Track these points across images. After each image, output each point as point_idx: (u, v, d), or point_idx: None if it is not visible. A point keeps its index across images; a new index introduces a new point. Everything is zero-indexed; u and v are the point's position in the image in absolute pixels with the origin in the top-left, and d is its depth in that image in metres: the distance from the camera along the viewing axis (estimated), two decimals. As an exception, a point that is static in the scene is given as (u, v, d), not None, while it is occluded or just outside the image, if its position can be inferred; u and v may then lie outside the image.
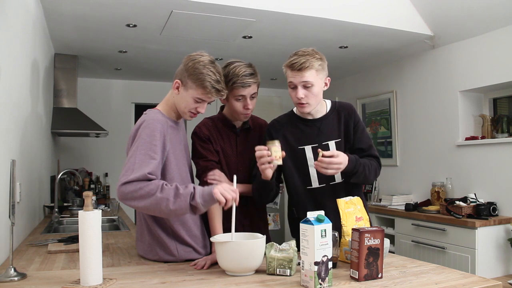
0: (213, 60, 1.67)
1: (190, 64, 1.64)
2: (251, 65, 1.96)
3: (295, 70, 1.76)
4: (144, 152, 1.54)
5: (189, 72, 1.63)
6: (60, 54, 4.14)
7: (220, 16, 3.21)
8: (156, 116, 1.65)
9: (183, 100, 1.67)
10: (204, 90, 1.62)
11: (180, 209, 1.48)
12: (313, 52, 1.79)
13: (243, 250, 1.45)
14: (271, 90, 6.03)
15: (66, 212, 3.58)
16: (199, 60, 1.63)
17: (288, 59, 1.81)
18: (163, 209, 1.47)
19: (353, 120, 1.91)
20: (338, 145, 1.88)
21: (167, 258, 1.69)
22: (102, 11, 3.10)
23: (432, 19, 3.65)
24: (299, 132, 1.91)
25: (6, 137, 1.86)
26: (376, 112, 4.85)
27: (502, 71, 3.42)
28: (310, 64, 1.75)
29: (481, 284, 1.37)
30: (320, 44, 3.93)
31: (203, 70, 1.61)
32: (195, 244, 1.72)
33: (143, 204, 1.47)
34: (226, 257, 1.46)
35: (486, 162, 3.57)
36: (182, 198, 1.47)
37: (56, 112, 3.98)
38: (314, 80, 1.77)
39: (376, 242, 1.41)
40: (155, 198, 1.46)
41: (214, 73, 1.62)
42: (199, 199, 1.48)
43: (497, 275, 3.19)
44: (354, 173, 1.79)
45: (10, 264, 1.45)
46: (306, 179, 1.89)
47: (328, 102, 1.95)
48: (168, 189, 1.48)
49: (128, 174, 1.48)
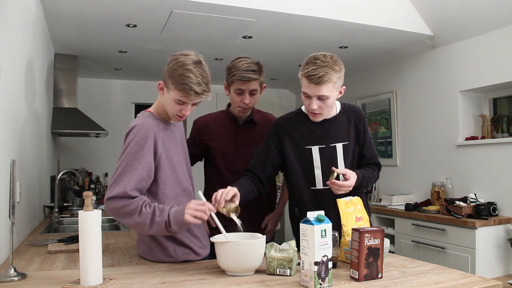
0: (198, 60, 1.59)
1: (171, 65, 1.58)
2: (257, 63, 2.00)
3: (312, 83, 1.70)
4: (130, 163, 1.54)
5: (169, 72, 1.58)
6: (60, 54, 4.14)
7: (220, 16, 3.21)
8: (147, 121, 1.62)
9: (167, 102, 1.63)
10: (183, 92, 1.56)
11: (159, 233, 1.56)
12: (332, 62, 1.70)
13: (243, 250, 1.45)
14: (271, 90, 6.03)
15: (66, 212, 3.58)
16: (180, 60, 1.57)
17: (305, 66, 1.73)
18: (144, 231, 1.55)
19: (362, 126, 1.92)
20: (345, 148, 1.87)
21: (165, 260, 1.69)
22: (102, 11, 3.10)
23: (432, 19, 3.65)
24: (307, 131, 1.88)
25: (6, 137, 1.86)
26: (376, 112, 4.85)
27: (502, 71, 3.42)
28: (329, 78, 1.68)
29: (481, 284, 1.37)
30: (320, 44, 3.93)
31: (182, 71, 1.55)
32: (193, 245, 1.71)
33: (126, 222, 1.55)
34: (226, 257, 1.46)
35: (486, 162, 3.57)
36: (158, 225, 1.51)
37: (56, 112, 3.98)
38: (330, 93, 1.73)
39: (376, 242, 1.41)
40: (134, 220, 1.51)
41: (195, 75, 1.55)
42: (174, 226, 1.51)
43: (497, 275, 3.19)
44: (358, 188, 1.82)
45: (10, 264, 1.45)
46: (311, 179, 1.87)
47: (337, 103, 1.92)
48: (145, 213, 1.50)
49: (112, 189, 1.52)
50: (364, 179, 1.82)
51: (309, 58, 1.75)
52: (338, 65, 1.72)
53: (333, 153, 1.86)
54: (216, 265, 1.60)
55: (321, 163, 1.85)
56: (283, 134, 1.90)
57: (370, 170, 1.91)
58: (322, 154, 1.85)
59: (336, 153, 1.86)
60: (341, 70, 1.74)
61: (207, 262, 1.70)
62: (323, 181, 1.86)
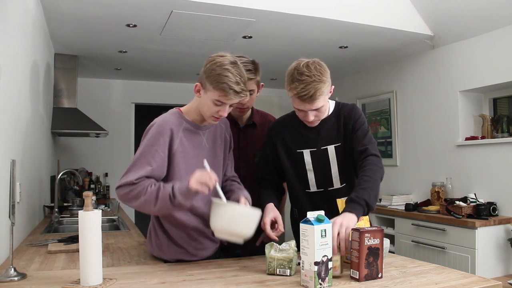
0: (235, 61, 1.60)
1: (208, 66, 1.59)
2: (253, 62, 1.98)
3: (305, 102, 1.66)
4: (143, 155, 1.57)
5: (207, 73, 1.58)
6: (60, 54, 4.14)
7: (220, 16, 3.21)
8: (168, 117, 1.64)
9: (204, 103, 1.62)
10: (222, 92, 1.56)
11: (165, 209, 1.54)
12: (318, 74, 1.63)
13: (238, 214, 1.50)
14: (271, 90, 6.02)
15: (66, 212, 3.58)
16: (217, 61, 1.58)
17: (292, 84, 1.65)
18: (151, 210, 1.54)
19: (352, 120, 1.81)
20: (338, 149, 1.82)
21: (162, 256, 1.73)
22: (102, 11, 3.10)
23: (432, 19, 3.65)
24: (298, 135, 1.87)
25: (6, 137, 1.86)
26: (376, 112, 4.85)
27: (502, 71, 3.42)
28: (320, 93, 1.64)
29: (481, 284, 1.37)
30: (320, 44, 3.93)
31: (220, 71, 1.55)
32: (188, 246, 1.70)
33: (134, 204, 1.54)
34: (220, 218, 1.50)
35: (486, 162, 3.57)
36: (162, 199, 1.50)
37: (56, 112, 3.98)
38: (324, 102, 1.71)
39: (376, 242, 1.41)
40: (141, 201, 1.51)
41: (233, 74, 1.55)
42: (180, 197, 1.49)
43: (497, 275, 3.19)
44: (369, 210, 1.62)
45: (10, 264, 1.45)
46: (305, 183, 1.87)
47: (331, 104, 1.88)
48: (151, 191, 1.51)
49: (123, 178, 1.55)
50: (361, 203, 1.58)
51: (292, 73, 1.66)
52: (324, 73, 1.66)
53: (324, 156, 1.83)
54: (216, 265, 1.61)
55: (313, 167, 1.84)
56: (275, 139, 1.91)
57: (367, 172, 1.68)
58: (313, 158, 1.84)
59: (328, 156, 1.83)
60: (328, 76, 1.68)
61: (207, 262, 1.70)
62: (317, 185, 1.85)
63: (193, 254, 1.72)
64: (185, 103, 1.74)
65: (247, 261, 1.71)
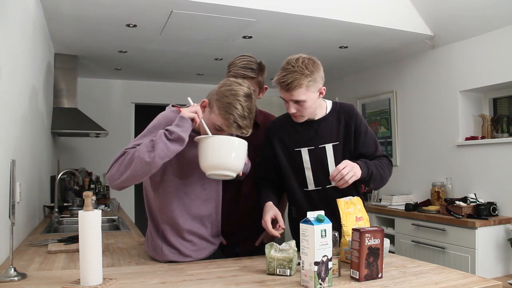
0: (250, 93, 1.57)
1: (223, 90, 1.56)
2: (259, 63, 1.98)
3: (283, 90, 1.71)
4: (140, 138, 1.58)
5: (218, 96, 1.56)
6: (60, 54, 4.14)
7: (220, 16, 3.21)
8: (172, 114, 1.64)
9: (205, 120, 1.60)
10: (226, 122, 1.54)
11: (163, 153, 1.45)
12: (302, 67, 1.67)
13: (227, 141, 1.52)
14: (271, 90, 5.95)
15: (66, 212, 3.58)
16: (233, 88, 1.55)
17: (277, 73, 1.72)
18: (146, 160, 1.44)
19: (354, 122, 1.85)
20: (335, 148, 1.83)
21: (157, 258, 1.73)
22: (102, 11, 3.10)
23: (432, 19, 3.65)
24: (295, 133, 1.88)
25: (6, 137, 1.86)
26: (376, 112, 4.85)
27: (502, 71, 3.42)
28: (298, 83, 1.66)
29: (481, 284, 1.37)
30: (320, 44, 3.93)
31: (232, 100, 1.52)
32: (182, 247, 1.70)
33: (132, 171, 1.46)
34: (207, 152, 1.51)
35: (486, 162, 3.57)
36: (159, 140, 1.45)
37: (56, 112, 3.98)
38: (304, 96, 1.71)
39: (376, 242, 1.41)
40: (136, 162, 1.45)
41: (243, 107, 1.52)
42: (175, 128, 1.48)
43: (497, 275, 3.19)
44: (371, 175, 1.74)
45: (10, 264, 1.45)
46: (303, 181, 1.88)
47: (328, 103, 1.90)
48: (144, 144, 1.47)
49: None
50: (368, 164, 1.73)
51: (284, 62, 1.74)
52: (309, 68, 1.68)
53: (322, 154, 1.84)
54: (216, 265, 1.61)
55: (311, 165, 1.84)
56: (272, 138, 1.92)
57: (379, 162, 1.82)
58: (311, 156, 1.84)
59: (325, 154, 1.84)
60: (314, 73, 1.69)
61: (207, 262, 1.70)
62: (315, 183, 1.85)
63: (186, 255, 1.71)
64: (185, 103, 1.73)
65: (247, 261, 1.71)
